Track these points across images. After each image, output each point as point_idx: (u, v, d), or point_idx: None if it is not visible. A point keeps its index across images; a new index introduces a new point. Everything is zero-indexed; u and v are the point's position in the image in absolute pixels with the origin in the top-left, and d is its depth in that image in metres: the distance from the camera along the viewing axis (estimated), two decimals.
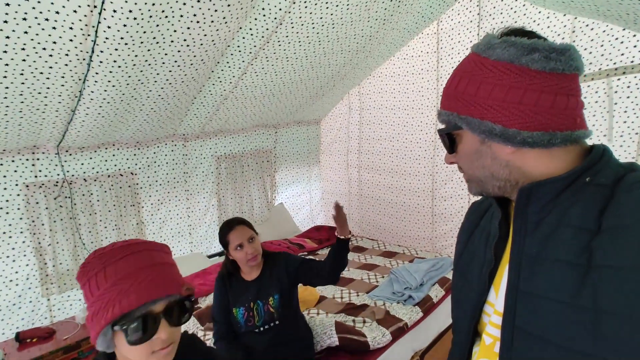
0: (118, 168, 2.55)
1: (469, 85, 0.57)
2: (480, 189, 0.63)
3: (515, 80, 0.53)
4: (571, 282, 0.47)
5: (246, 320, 1.55)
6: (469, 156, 0.61)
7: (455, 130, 0.62)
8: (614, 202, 0.48)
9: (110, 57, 1.57)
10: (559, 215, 0.52)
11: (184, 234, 2.99)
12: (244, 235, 1.52)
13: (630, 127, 2.01)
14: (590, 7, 1.53)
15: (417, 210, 3.21)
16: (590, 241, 0.47)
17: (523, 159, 0.56)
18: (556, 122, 0.53)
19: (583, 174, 0.52)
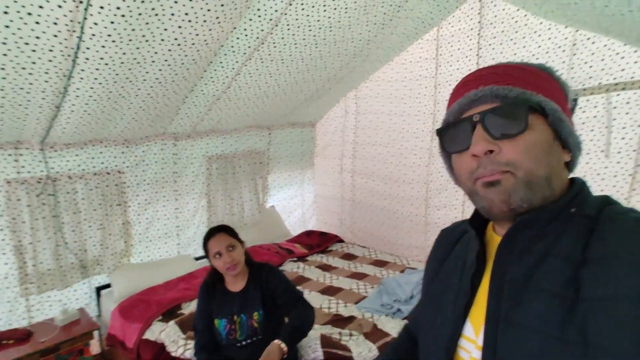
0: (105, 166, 2.48)
1: (531, 76, 0.53)
2: (526, 195, 0.50)
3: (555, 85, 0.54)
4: (558, 314, 0.45)
5: (228, 334, 1.50)
6: (540, 147, 0.50)
7: (532, 113, 0.50)
8: (599, 233, 0.47)
9: (97, 55, 1.50)
10: (546, 245, 0.50)
11: (171, 235, 2.93)
12: (222, 243, 1.49)
13: (628, 144, 1.98)
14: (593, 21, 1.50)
15: (410, 218, 3.17)
16: (577, 272, 0.46)
17: (564, 174, 0.54)
18: None
19: (570, 204, 0.51)
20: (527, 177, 0.50)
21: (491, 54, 2.46)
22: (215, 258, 1.49)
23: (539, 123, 0.51)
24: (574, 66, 2.11)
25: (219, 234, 1.52)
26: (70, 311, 2.26)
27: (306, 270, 2.76)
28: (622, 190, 2.02)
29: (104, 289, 2.58)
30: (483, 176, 0.52)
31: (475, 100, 0.53)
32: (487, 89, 0.51)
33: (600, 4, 1.18)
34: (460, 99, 0.55)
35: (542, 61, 2.22)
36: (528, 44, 2.28)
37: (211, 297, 1.56)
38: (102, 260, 2.50)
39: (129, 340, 2.03)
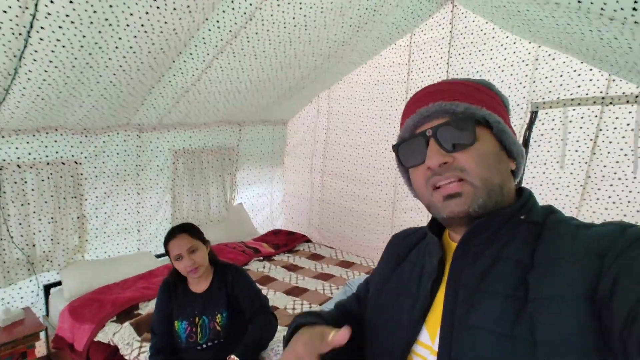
0: (60, 155, 2.32)
1: (474, 92, 0.57)
2: (484, 201, 0.53)
3: (497, 99, 0.59)
4: (510, 314, 0.48)
5: (188, 336, 1.44)
6: (489, 156, 0.54)
7: (478, 126, 0.54)
8: (544, 239, 0.52)
9: (52, 35, 1.40)
10: (498, 249, 0.54)
11: (131, 230, 2.79)
12: (183, 246, 1.41)
13: (581, 157, 2.11)
14: (554, 38, 1.58)
15: (377, 220, 3.22)
16: (526, 275, 0.50)
17: (512, 183, 0.58)
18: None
19: (520, 211, 0.55)
20: (483, 184, 0.53)
21: (460, 63, 2.54)
22: (176, 261, 1.43)
23: (485, 134, 0.55)
24: (535, 80, 2.22)
25: (181, 235, 1.45)
26: (13, 311, 2.09)
27: (272, 270, 2.73)
28: (574, 200, 2.14)
29: (53, 287, 2.42)
30: (440, 186, 0.55)
31: (427, 117, 0.56)
32: (437, 105, 0.55)
33: (563, 22, 1.24)
34: (412, 116, 0.58)
35: (507, 73, 2.32)
36: (495, 56, 2.37)
37: (172, 297, 1.49)
38: (53, 256, 2.33)
39: (78, 343, 1.91)
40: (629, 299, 0.41)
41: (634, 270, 0.42)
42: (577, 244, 0.48)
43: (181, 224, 1.52)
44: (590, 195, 2.09)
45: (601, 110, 2.03)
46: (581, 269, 0.46)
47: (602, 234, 0.48)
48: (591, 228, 0.50)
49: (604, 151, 2.03)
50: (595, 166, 2.07)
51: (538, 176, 2.27)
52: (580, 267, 0.46)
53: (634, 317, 0.40)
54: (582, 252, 0.47)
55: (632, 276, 0.42)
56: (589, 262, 0.46)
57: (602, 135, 2.03)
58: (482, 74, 2.44)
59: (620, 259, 0.44)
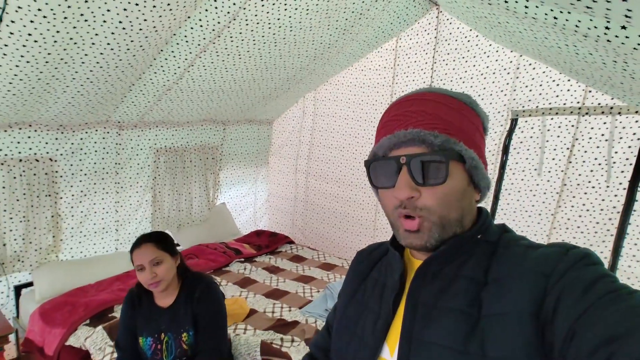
0: (34, 152, 2.24)
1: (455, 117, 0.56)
2: (440, 235, 0.55)
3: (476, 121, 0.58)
4: (463, 330, 0.50)
5: (153, 353, 1.37)
6: (455, 194, 0.54)
7: (452, 160, 0.54)
8: (497, 257, 0.54)
9: (24, 30, 1.34)
10: (456, 268, 0.56)
11: (109, 230, 2.72)
12: (146, 257, 1.32)
13: (558, 165, 2.16)
14: (534, 50, 1.61)
15: (360, 222, 3.23)
16: (480, 292, 0.52)
17: (474, 208, 0.60)
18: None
19: (477, 232, 0.57)
20: (441, 221, 0.55)
21: (444, 69, 2.57)
22: (139, 272, 1.33)
23: (457, 170, 0.55)
24: (516, 88, 2.26)
25: (145, 245, 1.35)
26: None
27: (253, 272, 2.70)
28: (550, 207, 2.20)
29: (25, 287, 2.34)
30: (403, 218, 0.56)
31: (404, 142, 0.56)
32: (415, 132, 0.54)
33: (540, 36, 1.26)
34: (389, 137, 0.57)
35: (489, 81, 2.35)
36: (478, 63, 2.40)
37: (136, 310, 1.41)
38: (24, 256, 2.26)
39: (48, 347, 1.85)
40: (569, 316, 0.44)
41: (574, 290, 0.45)
42: (526, 264, 0.51)
43: (150, 233, 1.42)
44: (565, 202, 2.15)
45: (578, 120, 2.08)
46: (528, 287, 0.49)
47: (547, 255, 0.50)
48: (538, 249, 0.52)
49: (579, 160, 2.09)
50: (570, 174, 2.12)
51: (516, 182, 2.31)
52: (527, 286, 0.49)
53: (572, 334, 0.42)
54: (530, 271, 0.50)
55: (572, 296, 0.45)
56: (535, 281, 0.49)
57: (578, 144, 2.09)
58: (465, 80, 2.47)
59: (562, 280, 0.47)
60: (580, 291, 0.44)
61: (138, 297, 1.42)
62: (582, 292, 0.44)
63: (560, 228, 2.17)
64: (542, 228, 2.24)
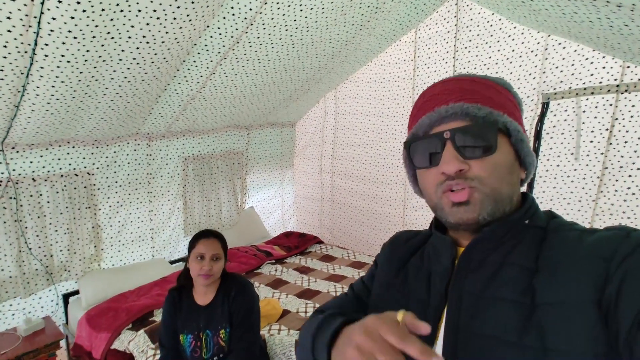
0: (73, 167, 2.37)
1: (494, 93, 0.54)
2: (492, 209, 0.52)
3: (514, 101, 0.57)
4: (517, 321, 0.47)
5: (192, 350, 1.42)
6: (504, 167, 0.52)
7: (499, 133, 0.52)
8: (548, 243, 0.51)
9: (57, 51, 1.42)
10: (503, 255, 0.52)
11: (145, 238, 2.83)
12: (210, 249, 1.42)
13: (597, 147, 2.04)
14: (563, 27, 1.53)
15: (388, 219, 3.18)
16: (532, 279, 0.49)
17: (519, 189, 0.57)
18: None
19: (524, 217, 0.54)
20: (493, 193, 0.52)
21: (467, 56, 2.49)
22: (195, 260, 1.41)
23: (503, 143, 0.53)
24: (545, 70, 2.16)
25: (213, 239, 1.46)
26: (34, 320, 2.15)
27: (284, 273, 2.73)
28: (591, 192, 2.07)
29: (72, 295, 2.47)
30: (449, 193, 0.53)
31: (445, 117, 0.53)
32: (457, 107, 0.52)
33: (569, 11, 1.20)
34: (430, 114, 0.55)
35: (516, 65, 2.26)
36: (502, 47, 2.31)
37: (177, 310, 1.47)
38: (70, 266, 2.39)
39: (96, 351, 1.95)
40: (634, 304, 0.41)
41: (639, 275, 0.42)
42: (582, 248, 0.48)
43: (214, 230, 1.52)
44: (607, 187, 2.02)
45: (616, 98, 1.95)
46: (587, 273, 0.45)
47: (606, 239, 0.47)
48: (594, 233, 0.49)
49: (620, 141, 1.96)
50: (612, 157, 1.99)
51: (552, 169, 2.20)
52: (586, 272, 0.46)
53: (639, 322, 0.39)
54: (588, 256, 0.46)
55: (637, 280, 0.42)
56: (594, 266, 0.45)
57: (618, 124, 1.96)
58: (489, 66, 2.38)
59: (625, 263, 0.43)
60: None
61: (179, 296, 1.49)
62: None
63: (603, 214, 2.05)
64: (583, 215, 2.12)
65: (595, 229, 0.51)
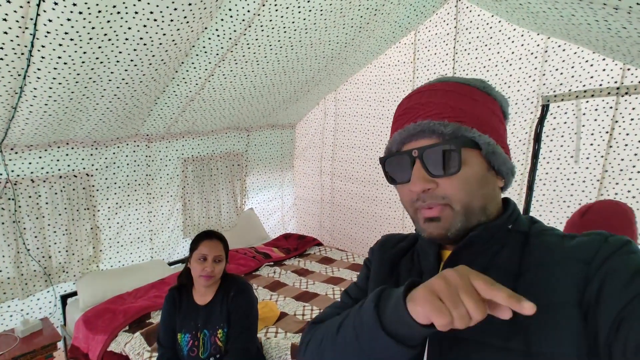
0: (72, 169, 2.37)
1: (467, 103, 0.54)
2: (463, 224, 0.52)
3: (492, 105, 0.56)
4: (502, 325, 0.46)
5: (189, 349, 1.43)
6: (474, 182, 0.52)
7: (466, 148, 0.52)
8: (530, 247, 0.52)
9: (54, 53, 1.42)
10: (488, 259, 0.54)
11: (144, 239, 2.83)
12: (213, 251, 1.43)
13: (597, 150, 2.03)
14: (561, 30, 1.52)
15: (387, 221, 3.17)
16: (515, 283, 0.50)
17: (498, 197, 0.58)
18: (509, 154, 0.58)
19: (507, 222, 0.55)
20: (463, 209, 0.53)
21: (467, 59, 2.48)
22: (197, 261, 1.42)
23: (473, 156, 0.53)
24: (545, 73, 2.15)
25: (216, 240, 1.47)
26: (31, 321, 2.15)
27: (282, 275, 2.72)
28: (591, 195, 2.06)
29: (70, 297, 2.47)
30: (422, 208, 0.54)
31: (414, 134, 0.54)
32: (425, 124, 0.53)
33: (567, 14, 1.19)
34: (400, 131, 0.56)
35: (516, 67, 2.25)
36: (502, 49, 2.30)
37: (176, 309, 1.49)
38: (68, 267, 2.39)
39: (92, 353, 1.94)
40: (614, 305, 0.42)
41: (618, 277, 0.43)
42: (563, 252, 0.49)
43: (218, 232, 1.53)
44: (607, 190, 2.00)
45: (616, 101, 1.94)
46: (568, 276, 0.47)
47: (586, 243, 0.49)
48: (574, 238, 0.51)
49: (620, 144, 1.95)
50: (612, 159, 1.98)
51: (552, 172, 2.19)
52: (567, 275, 0.47)
53: (619, 322, 0.41)
54: (569, 259, 0.48)
55: (616, 283, 0.43)
56: (575, 269, 0.47)
57: (619, 127, 1.95)
58: (489, 68, 2.37)
59: (604, 266, 0.45)
60: (624, 279, 0.43)
61: (179, 295, 1.50)
62: (628, 280, 0.42)
63: None
64: None
65: (575, 234, 0.52)
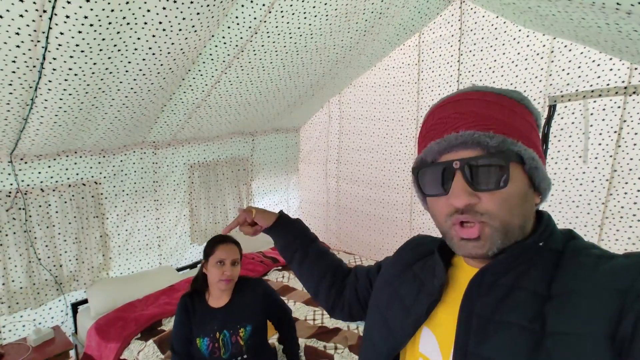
0: (80, 177, 2.38)
1: (509, 115, 0.51)
2: (502, 242, 0.50)
3: (530, 118, 0.54)
4: (525, 348, 0.46)
5: (211, 352, 1.43)
6: (517, 199, 0.50)
7: (513, 162, 0.49)
8: (562, 268, 0.49)
9: (64, 65, 1.43)
10: (514, 278, 0.51)
11: (152, 246, 2.84)
12: (230, 255, 1.44)
13: (605, 150, 2.02)
14: (570, 31, 1.52)
15: (395, 223, 3.17)
16: (543, 306, 0.47)
17: (533, 214, 0.55)
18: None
19: (539, 239, 0.52)
20: (503, 227, 0.50)
21: (472, 60, 2.48)
22: (216, 265, 1.43)
23: (517, 172, 0.50)
24: (552, 73, 2.14)
25: (232, 244, 1.48)
26: (43, 330, 2.16)
27: (291, 279, 2.72)
28: (600, 195, 2.05)
29: (81, 304, 2.48)
30: (457, 226, 0.52)
31: (455, 145, 0.51)
32: (468, 135, 0.50)
33: (577, 17, 1.19)
34: (439, 141, 0.52)
35: (522, 68, 2.24)
36: (507, 50, 2.30)
37: (190, 315, 1.49)
38: (79, 276, 2.40)
39: None
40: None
41: None
42: (597, 277, 0.46)
43: (231, 236, 1.53)
44: (617, 189, 2.00)
45: (624, 100, 1.93)
46: (602, 305, 0.43)
47: (622, 268, 0.45)
48: (611, 260, 0.47)
49: (629, 143, 1.94)
50: (621, 159, 1.97)
51: (560, 172, 2.18)
52: (600, 304, 0.44)
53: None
54: (603, 287, 0.44)
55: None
56: (609, 299, 0.43)
57: (627, 126, 1.94)
58: (495, 69, 2.37)
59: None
60: None
61: (191, 302, 1.50)
62: None
63: (613, 218, 2.02)
64: (592, 219, 2.09)
65: (614, 254, 0.49)
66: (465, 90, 0.55)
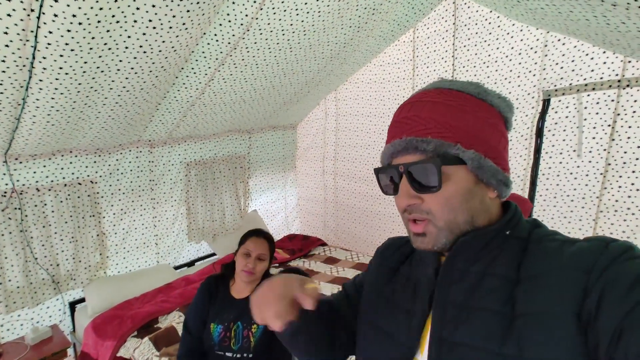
0: (76, 176, 2.39)
1: (453, 116, 0.54)
2: (447, 238, 0.54)
3: (485, 114, 0.55)
4: (498, 331, 0.48)
5: (221, 340, 1.43)
6: (459, 197, 0.53)
7: (451, 165, 0.53)
8: (529, 253, 0.52)
9: (55, 64, 1.43)
10: (485, 265, 0.54)
11: (149, 244, 2.85)
12: (258, 248, 1.47)
13: (599, 143, 2.02)
14: (560, 25, 1.51)
15: (392, 219, 3.18)
16: (513, 290, 0.50)
17: (493, 205, 0.57)
18: (506, 163, 0.58)
19: (505, 227, 0.55)
20: (446, 224, 0.54)
21: (466, 55, 2.47)
22: (242, 255, 1.46)
23: (458, 172, 0.53)
24: (545, 67, 2.14)
25: (263, 239, 1.51)
26: (41, 329, 2.17)
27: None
28: (594, 189, 2.05)
29: (78, 303, 2.50)
30: (410, 222, 0.57)
31: (400, 150, 0.56)
32: (408, 141, 0.54)
33: (565, 10, 1.19)
34: (388, 145, 0.58)
35: (515, 62, 2.24)
36: (501, 45, 2.29)
37: (211, 300, 1.50)
38: (76, 274, 2.41)
39: (102, 358, 1.96)
40: (614, 315, 0.41)
41: (619, 287, 0.43)
42: (563, 259, 0.49)
43: (267, 232, 1.56)
44: (611, 183, 2.00)
45: (618, 94, 1.93)
46: (568, 285, 0.46)
47: (585, 250, 0.48)
48: (575, 244, 0.50)
49: (623, 137, 1.94)
50: (615, 153, 1.97)
51: (554, 166, 2.18)
52: (567, 283, 0.47)
53: (619, 334, 0.40)
54: (568, 267, 0.47)
55: (616, 292, 0.42)
56: (575, 278, 0.46)
57: (621, 120, 1.94)
58: (489, 64, 2.37)
59: (604, 275, 0.44)
60: (625, 287, 0.42)
61: (215, 286, 1.52)
62: (627, 289, 0.42)
63: (608, 211, 2.03)
64: (587, 212, 2.10)
65: (576, 239, 0.52)
66: (428, 86, 0.59)
